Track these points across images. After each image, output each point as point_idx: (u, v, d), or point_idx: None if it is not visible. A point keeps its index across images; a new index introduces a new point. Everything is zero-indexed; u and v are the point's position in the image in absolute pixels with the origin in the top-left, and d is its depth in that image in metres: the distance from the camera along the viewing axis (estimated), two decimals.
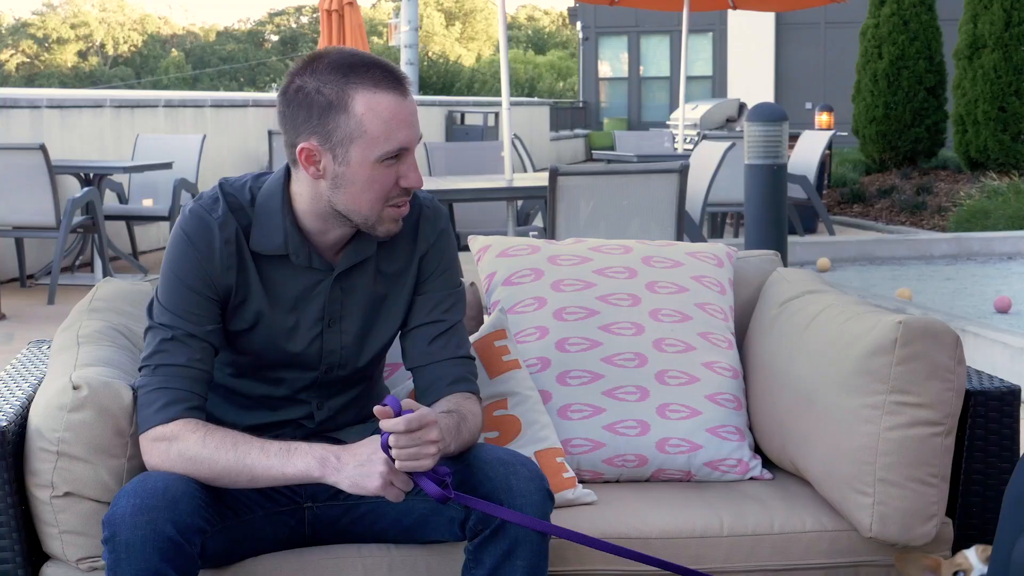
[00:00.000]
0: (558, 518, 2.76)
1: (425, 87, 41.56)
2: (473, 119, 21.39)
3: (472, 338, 3.03)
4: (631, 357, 3.17)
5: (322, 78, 2.54)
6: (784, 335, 3.14)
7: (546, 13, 76.30)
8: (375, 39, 52.51)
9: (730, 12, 28.40)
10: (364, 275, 2.72)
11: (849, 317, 2.96)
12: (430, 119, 20.44)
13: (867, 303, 3.11)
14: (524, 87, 54.08)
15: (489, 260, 3.34)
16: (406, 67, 25.85)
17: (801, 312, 3.13)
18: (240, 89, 58.98)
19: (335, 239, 2.67)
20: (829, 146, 14.61)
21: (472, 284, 3.41)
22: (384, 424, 2.43)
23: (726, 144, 8.93)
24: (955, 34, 15.73)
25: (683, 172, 6.84)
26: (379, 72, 2.55)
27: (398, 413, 2.45)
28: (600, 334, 3.19)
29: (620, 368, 3.16)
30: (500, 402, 3.01)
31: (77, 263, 10.79)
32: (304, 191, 2.62)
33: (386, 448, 2.44)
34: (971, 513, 2.97)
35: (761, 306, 3.34)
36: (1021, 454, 2.46)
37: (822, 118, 16.32)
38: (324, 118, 2.53)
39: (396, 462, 2.44)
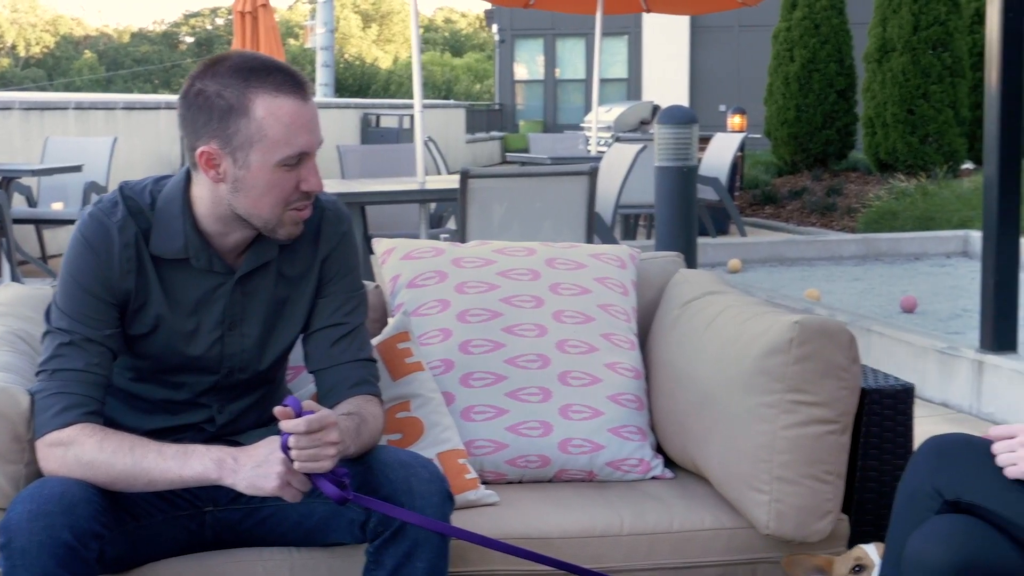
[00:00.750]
0: (460, 519, 2.78)
1: (341, 89, 41.42)
2: (388, 121, 21.36)
3: (375, 340, 3.04)
4: (534, 358, 3.19)
5: (223, 82, 2.53)
6: (685, 336, 3.17)
7: (463, 15, 76.33)
8: (291, 41, 52.30)
9: (645, 15, 28.57)
10: (265, 278, 2.71)
11: (748, 318, 3.00)
12: (345, 121, 20.37)
13: (766, 304, 3.15)
14: (441, 89, 54.05)
15: (393, 263, 3.35)
16: (322, 69, 25.80)
17: (702, 313, 3.17)
18: (155, 91, 58.47)
19: (236, 242, 2.66)
20: (741, 148, 14.74)
21: (377, 287, 3.42)
22: (284, 425, 2.43)
23: (638, 146, 8.98)
24: (865, 38, 15.91)
25: (592, 174, 6.88)
26: (280, 76, 2.55)
27: (299, 414, 2.45)
28: (503, 336, 3.21)
29: (523, 369, 3.18)
30: (403, 404, 3.02)
31: None
32: (204, 195, 2.61)
33: (285, 449, 2.44)
34: (866, 509, 3.03)
35: (663, 307, 3.37)
36: (913, 452, 2.51)
37: (734, 120, 16.45)
38: (224, 122, 2.53)
39: (295, 463, 2.44)
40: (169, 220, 2.63)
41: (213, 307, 2.68)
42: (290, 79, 2.56)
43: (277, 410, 2.44)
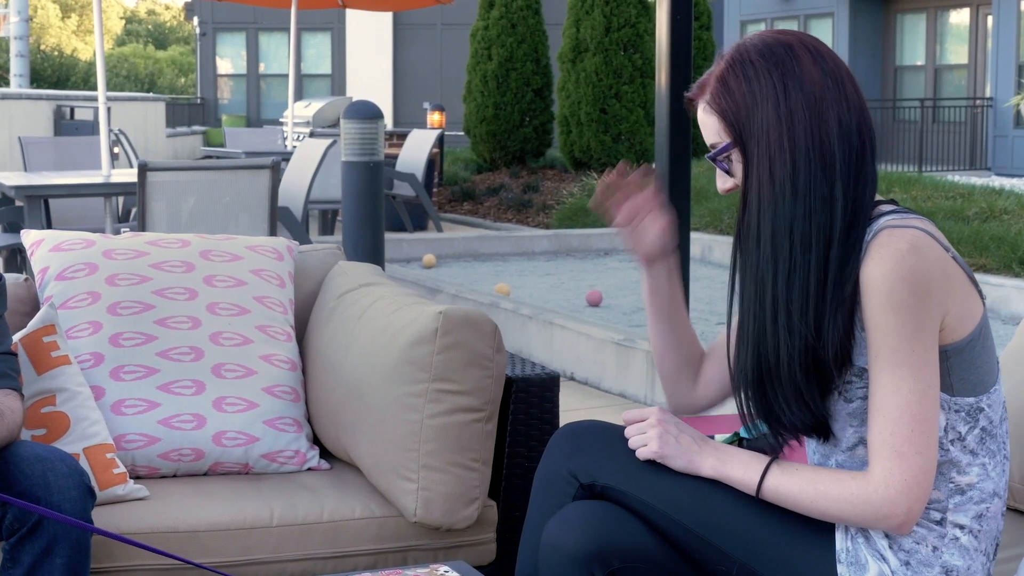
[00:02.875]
0: (105, 514, 2.74)
1: (38, 80, 40.08)
2: (84, 114, 20.72)
3: (19, 334, 2.95)
4: (187, 351, 3.15)
5: None
6: (339, 327, 3.18)
7: (167, 7, 74.75)
8: None
9: (348, 11, 28.52)
10: None
11: (397, 308, 3.03)
12: (37, 113, 19.71)
13: (418, 296, 3.19)
14: (144, 83, 52.80)
15: (42, 255, 3.27)
16: (16, 59, 24.91)
17: (356, 304, 3.19)
18: None
19: None
20: (439, 144, 14.88)
21: (27, 279, 3.33)
22: None
23: (328, 141, 8.95)
24: (560, 38, 16.24)
25: (275, 167, 6.84)
26: None
27: None
28: (156, 328, 3.16)
29: (176, 362, 3.14)
30: (48, 399, 2.94)
31: None
32: None
33: None
34: (514, 495, 3.09)
35: (321, 299, 3.38)
36: (552, 436, 2.56)
37: (433, 117, 16.60)
38: None
39: None
40: None
41: None
42: None
43: None
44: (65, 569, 2.53)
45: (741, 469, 2.32)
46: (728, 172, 2.32)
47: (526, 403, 3.05)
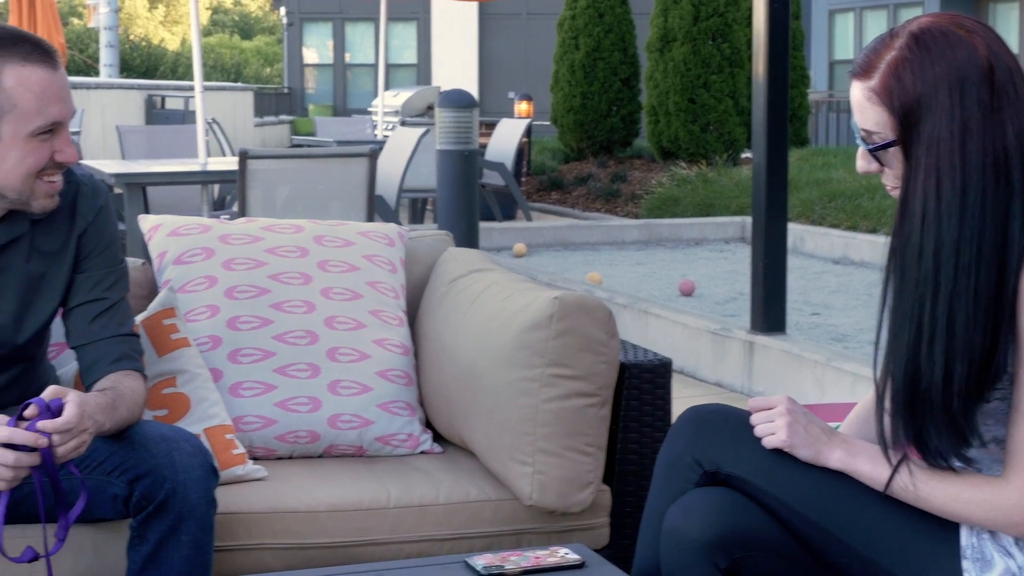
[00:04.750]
0: (226, 493, 2.78)
1: (127, 70, 40.57)
2: (174, 103, 20.98)
3: (140, 317, 3.02)
4: (302, 335, 3.20)
5: None
6: (451, 312, 3.22)
7: None
8: (74, 20, 50.97)
9: (434, 1, 28.64)
10: (18, 254, 2.67)
11: (510, 294, 3.06)
12: (128, 103, 19.96)
13: (531, 281, 3.21)
14: (230, 73, 53.26)
15: (160, 239, 3.33)
16: (106, 49, 25.21)
17: (468, 290, 3.22)
18: None
19: None
20: (527, 134, 14.89)
21: (145, 263, 3.39)
22: (44, 425, 2.39)
23: (421, 130, 9.02)
24: (648, 27, 16.19)
25: (372, 156, 6.90)
26: (28, 46, 2.52)
27: (48, 407, 2.42)
28: (271, 312, 3.21)
29: (291, 346, 3.18)
30: (169, 380, 3.00)
31: None
32: None
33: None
34: (627, 480, 3.11)
35: (431, 285, 3.41)
36: (677, 418, 2.57)
37: (521, 107, 16.62)
38: None
39: (58, 456, 2.41)
40: None
41: None
42: (38, 48, 2.53)
43: (31, 436, 2.39)
44: (190, 546, 2.59)
45: (870, 464, 2.29)
46: (878, 160, 2.24)
47: (638, 389, 3.07)
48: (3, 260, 2.66)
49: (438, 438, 3.30)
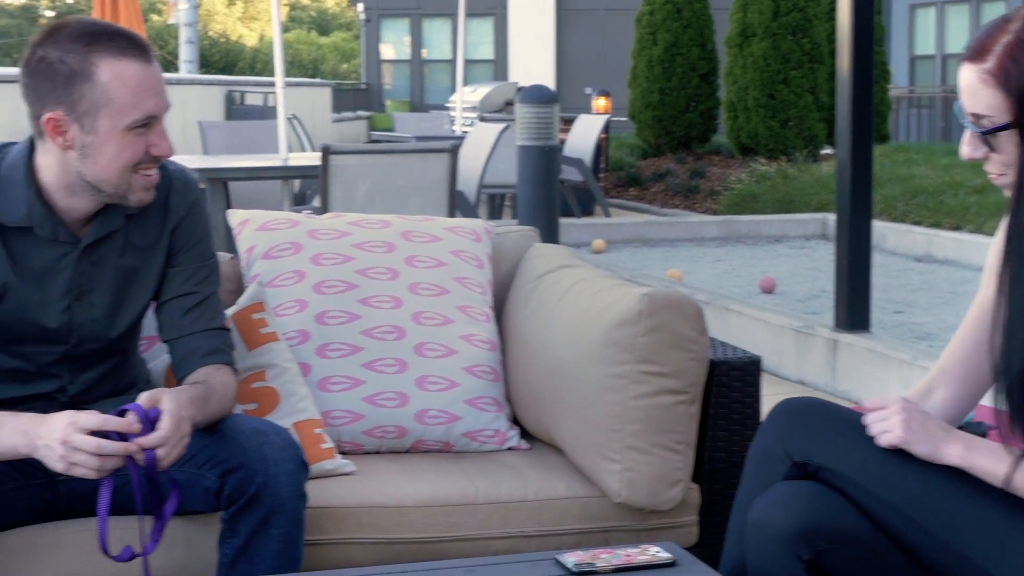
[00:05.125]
0: (316, 487, 2.79)
1: (206, 66, 40.91)
2: (253, 99, 21.13)
3: (230, 311, 3.03)
4: (390, 330, 3.21)
5: (65, 47, 2.52)
6: (539, 308, 3.21)
7: None
8: (154, 17, 51.47)
9: None
10: (112, 248, 2.70)
11: (599, 290, 3.05)
12: (209, 98, 20.11)
13: (618, 277, 3.20)
14: (308, 68, 53.58)
15: (248, 234, 3.34)
16: (185, 46, 25.44)
17: (555, 286, 3.21)
18: (13, 65, 57.18)
19: (83, 211, 2.64)
20: (606, 130, 14.86)
21: (233, 258, 3.41)
22: (145, 441, 2.42)
23: (501, 126, 9.02)
24: (726, 22, 16.11)
25: (454, 152, 6.90)
26: (123, 40, 2.54)
27: (146, 416, 2.45)
28: (359, 307, 3.22)
29: (379, 341, 3.19)
30: (258, 374, 3.02)
31: None
32: (51, 163, 2.59)
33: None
34: (716, 478, 3.09)
35: (518, 280, 3.41)
36: (764, 417, 2.55)
37: (599, 102, 16.59)
38: (69, 87, 2.51)
39: (162, 462, 2.45)
40: (12, 188, 2.61)
41: (59, 276, 2.66)
42: (132, 43, 2.56)
43: (121, 423, 2.42)
44: (281, 540, 2.60)
45: (990, 458, 2.27)
46: (988, 144, 2.22)
47: (727, 386, 3.05)
48: (98, 254, 2.69)
49: (525, 434, 3.29)
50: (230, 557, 2.62)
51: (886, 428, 2.34)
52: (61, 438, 2.39)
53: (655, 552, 2.46)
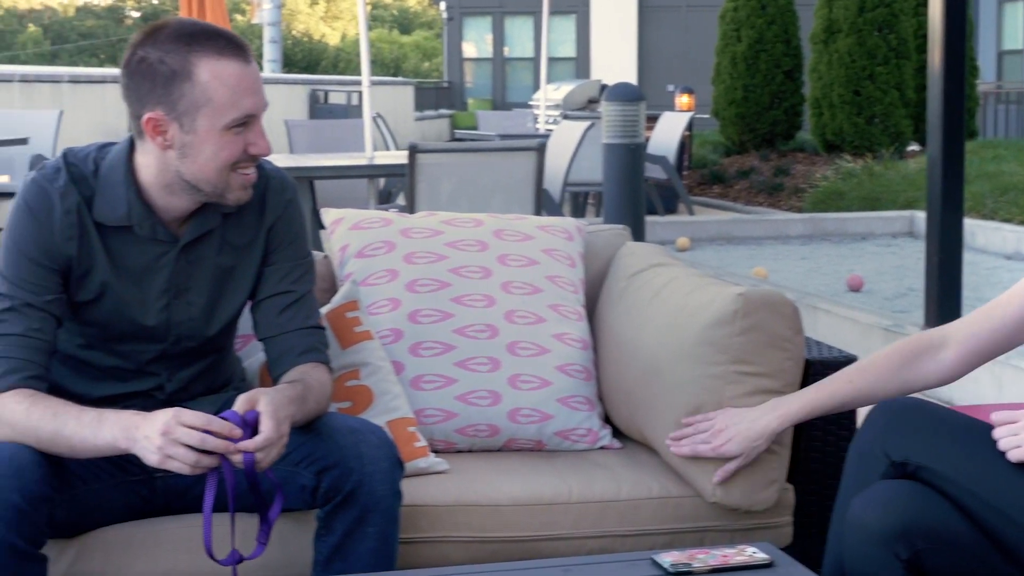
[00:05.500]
0: (410, 486, 2.79)
1: (289, 65, 41.19)
2: (337, 98, 21.27)
3: (324, 309, 3.04)
4: (482, 329, 3.21)
5: (164, 48, 2.54)
6: (632, 307, 3.20)
7: None
8: (238, 17, 51.91)
9: None
10: (210, 247, 2.72)
11: (693, 289, 3.03)
12: (293, 97, 20.27)
13: (712, 276, 3.18)
14: (390, 67, 53.82)
15: (342, 232, 3.36)
16: (269, 45, 25.66)
17: (648, 285, 3.20)
18: (100, 65, 57.84)
19: (181, 210, 2.67)
20: (689, 127, 14.80)
21: (325, 257, 3.42)
22: (246, 445, 2.44)
23: (586, 124, 9.00)
24: (811, 18, 15.99)
25: (540, 150, 6.90)
26: (222, 41, 2.57)
27: (244, 421, 2.47)
28: (452, 306, 3.22)
29: (472, 339, 3.19)
30: (352, 372, 3.03)
31: None
32: (151, 162, 2.62)
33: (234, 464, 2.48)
34: (812, 479, 3.06)
35: (610, 279, 3.39)
36: (869, 411, 2.54)
37: (682, 100, 16.55)
38: (169, 87, 2.54)
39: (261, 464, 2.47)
40: (112, 187, 2.64)
41: (158, 275, 2.69)
42: (231, 43, 2.58)
43: (224, 427, 2.44)
44: (376, 538, 2.61)
45: None
46: None
47: None
48: (195, 253, 2.71)
49: (616, 433, 3.28)
50: (325, 555, 2.63)
51: (1016, 443, 2.33)
52: (163, 430, 2.41)
53: (752, 553, 2.44)
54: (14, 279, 2.59)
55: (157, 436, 2.41)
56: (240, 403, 2.50)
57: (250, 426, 2.47)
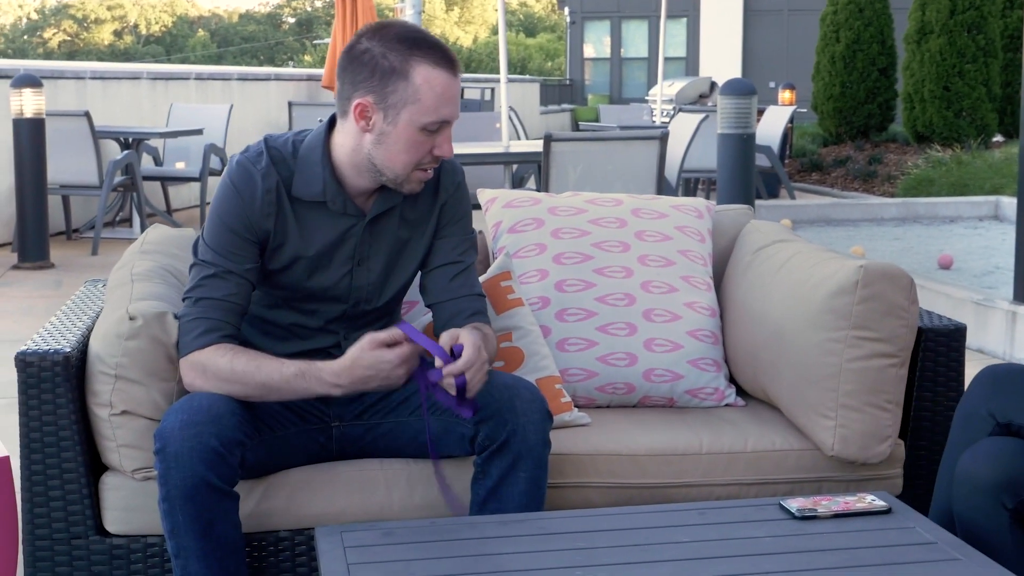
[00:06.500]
0: (556, 437, 2.80)
1: None
2: (471, 94, 21.30)
3: (481, 279, 3.06)
4: (621, 297, 3.20)
5: (389, 45, 2.59)
6: (758, 278, 3.17)
7: (537, 0, 75.96)
8: None
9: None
10: (391, 221, 2.76)
11: (816, 262, 3.00)
12: None
13: (831, 251, 3.15)
14: (516, 66, 53.85)
15: (496, 210, 3.37)
16: None
17: (773, 258, 3.17)
18: (260, 66, 58.54)
19: (365, 188, 2.71)
20: (791, 120, 14.61)
21: (480, 232, 3.44)
22: (455, 368, 2.51)
23: (700, 116, 8.94)
24: (905, 20, 15.71)
25: (663, 139, 6.87)
26: (439, 52, 2.61)
27: (452, 351, 2.55)
28: (594, 276, 3.22)
29: (611, 307, 3.19)
30: (505, 335, 3.04)
31: (117, 219, 10.81)
32: (347, 142, 2.66)
33: (431, 386, 2.56)
34: (921, 435, 3.02)
35: (736, 253, 3.37)
36: (975, 376, 2.51)
37: (785, 95, 16.32)
38: (385, 80, 2.58)
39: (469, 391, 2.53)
40: (310, 166, 2.68)
41: (345, 245, 2.73)
42: (447, 56, 2.62)
43: (441, 366, 2.53)
44: (527, 482, 2.62)
45: None
46: None
47: (934, 352, 2.98)
48: (379, 226, 2.75)
49: (740, 393, 3.26)
50: (482, 496, 2.65)
51: None
52: (398, 361, 2.58)
53: (871, 500, 2.43)
54: (218, 248, 2.65)
55: (397, 359, 2.54)
56: (444, 339, 2.58)
57: (456, 357, 2.54)
